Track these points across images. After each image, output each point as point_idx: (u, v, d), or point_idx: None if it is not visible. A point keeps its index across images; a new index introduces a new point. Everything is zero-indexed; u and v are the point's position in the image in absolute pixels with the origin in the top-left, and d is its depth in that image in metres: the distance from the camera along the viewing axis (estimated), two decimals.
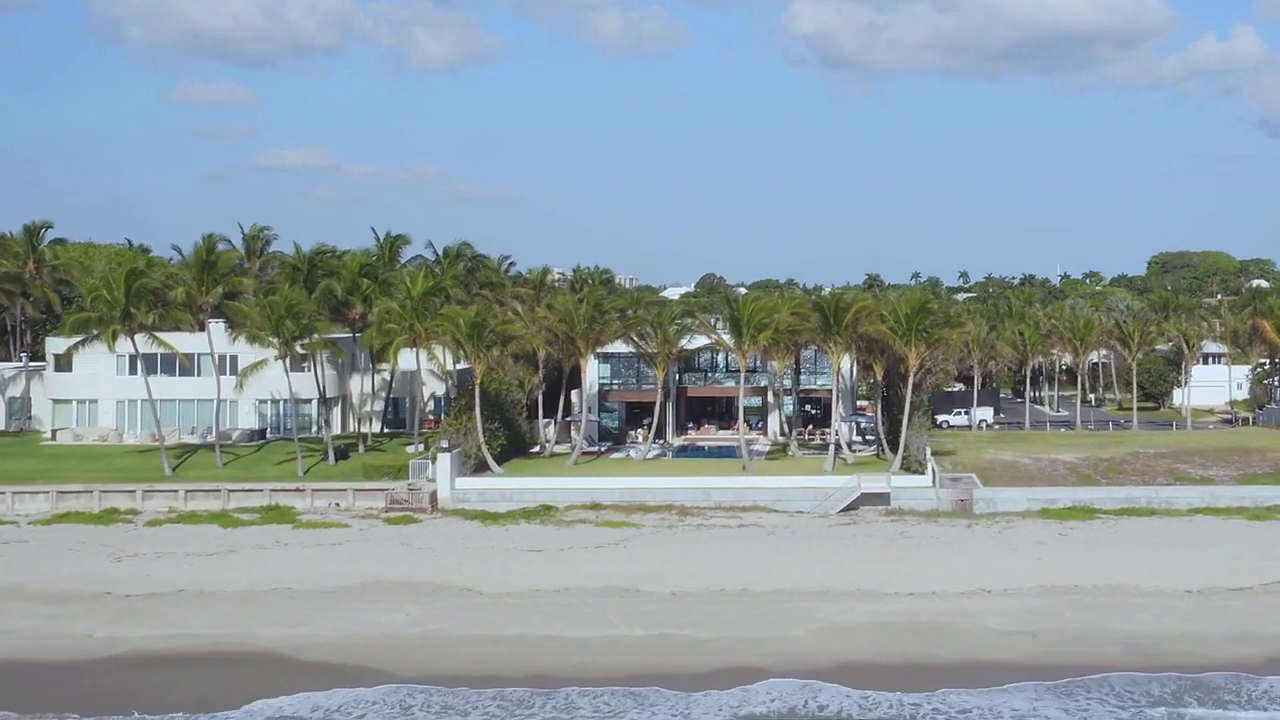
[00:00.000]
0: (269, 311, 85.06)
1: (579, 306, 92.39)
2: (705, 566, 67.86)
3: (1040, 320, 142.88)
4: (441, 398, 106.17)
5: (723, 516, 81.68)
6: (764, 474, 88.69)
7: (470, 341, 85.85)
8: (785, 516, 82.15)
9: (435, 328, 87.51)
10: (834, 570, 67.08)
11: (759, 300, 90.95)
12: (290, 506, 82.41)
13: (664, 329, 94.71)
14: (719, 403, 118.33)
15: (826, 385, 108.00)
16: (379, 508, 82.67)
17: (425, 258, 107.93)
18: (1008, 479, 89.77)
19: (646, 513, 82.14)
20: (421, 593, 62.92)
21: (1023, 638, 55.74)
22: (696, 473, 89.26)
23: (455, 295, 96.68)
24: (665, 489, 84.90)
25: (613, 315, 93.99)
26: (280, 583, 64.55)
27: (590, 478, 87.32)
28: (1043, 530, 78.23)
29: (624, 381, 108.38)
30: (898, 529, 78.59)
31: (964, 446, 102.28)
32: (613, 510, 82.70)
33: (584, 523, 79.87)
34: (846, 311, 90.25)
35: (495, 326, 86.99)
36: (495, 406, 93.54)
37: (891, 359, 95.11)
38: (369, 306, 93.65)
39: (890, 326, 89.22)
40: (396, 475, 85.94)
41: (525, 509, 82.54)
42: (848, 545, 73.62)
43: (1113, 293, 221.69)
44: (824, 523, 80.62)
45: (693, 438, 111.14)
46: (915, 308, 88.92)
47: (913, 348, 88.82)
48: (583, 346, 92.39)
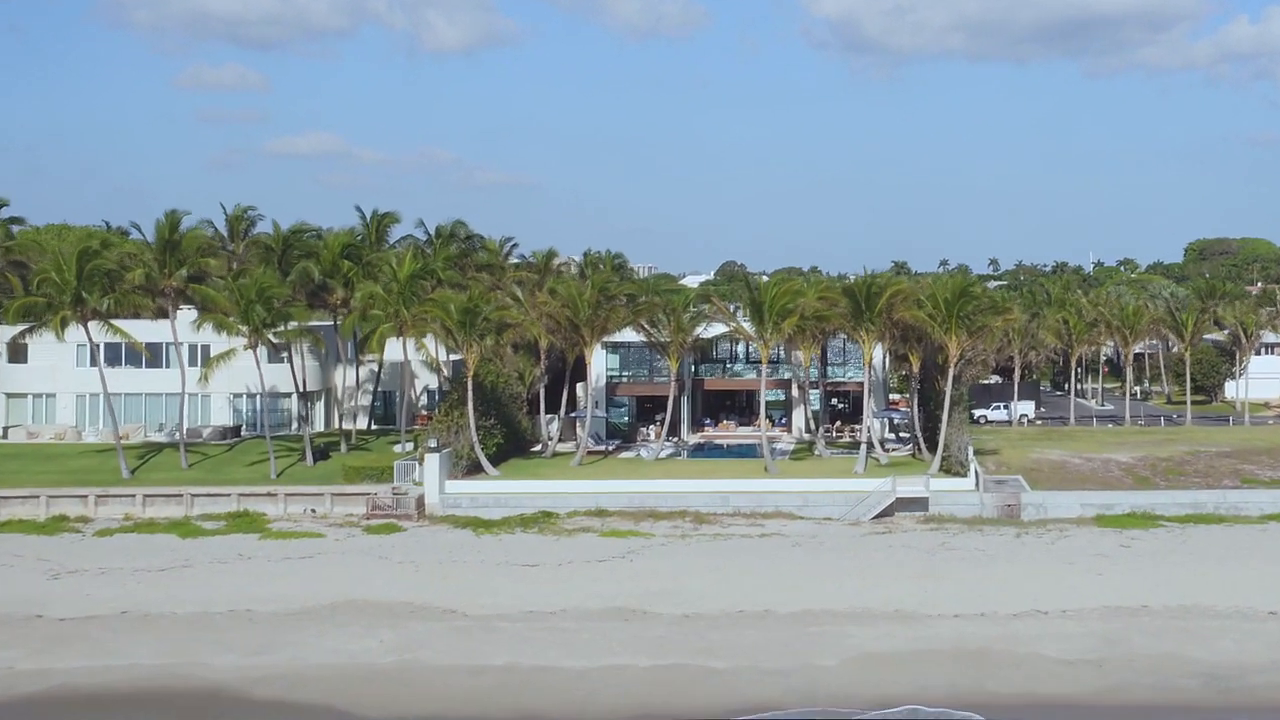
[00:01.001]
0: (237, 296, 79.10)
1: (583, 290, 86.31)
2: (722, 583, 62.39)
3: (1083, 307, 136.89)
4: (435, 391, 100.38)
5: (742, 524, 75.94)
6: (788, 476, 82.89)
7: (461, 329, 79.92)
8: (812, 524, 76.44)
9: (423, 314, 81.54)
10: (868, 587, 61.53)
11: (783, 284, 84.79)
12: (260, 513, 76.68)
13: (677, 315, 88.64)
14: (739, 397, 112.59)
15: (857, 378, 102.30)
16: (359, 514, 76.99)
17: (416, 238, 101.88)
18: (1057, 481, 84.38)
19: (657, 520, 76.40)
20: (399, 614, 57.30)
21: (1086, 669, 50.39)
22: (713, 474, 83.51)
23: (448, 278, 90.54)
24: (678, 493, 79.33)
25: (620, 300, 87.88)
26: (239, 603, 58.82)
27: (595, 480, 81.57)
28: (1101, 540, 72.54)
29: (634, 374, 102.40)
30: (938, 539, 72.77)
31: (1006, 445, 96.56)
32: (619, 517, 77.05)
33: (587, 531, 74.07)
34: (880, 296, 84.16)
35: (489, 313, 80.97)
36: (491, 401, 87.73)
37: (929, 349, 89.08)
38: (351, 291, 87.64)
39: (928, 313, 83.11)
40: (380, 478, 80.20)
41: (522, 516, 76.83)
42: (883, 558, 67.95)
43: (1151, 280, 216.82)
44: (855, 531, 74.82)
45: (710, 435, 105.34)
46: (956, 292, 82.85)
47: (953, 336, 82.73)
48: (587, 335, 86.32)
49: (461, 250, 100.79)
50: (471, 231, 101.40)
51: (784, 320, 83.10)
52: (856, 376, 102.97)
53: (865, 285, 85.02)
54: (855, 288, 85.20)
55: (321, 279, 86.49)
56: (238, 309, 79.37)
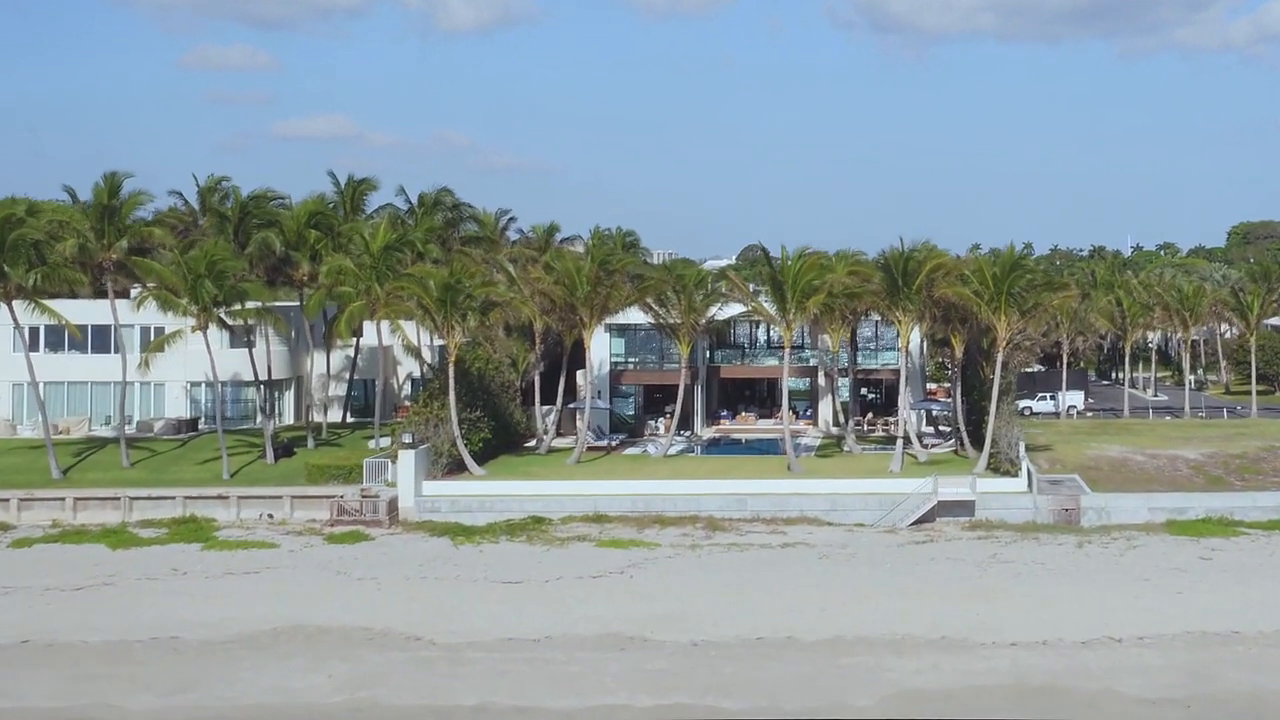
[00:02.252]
0: (184, 270, 71.64)
1: (581, 265, 78.78)
2: (737, 603, 55.36)
3: (1134, 288, 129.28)
4: (420, 379, 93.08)
5: (762, 532, 68.70)
6: (814, 476, 75.58)
7: (441, 308, 72.46)
8: (842, 531, 69.19)
9: (398, 291, 74.08)
10: (908, 609, 54.46)
11: (808, 258, 77.09)
12: (209, 519, 69.59)
13: (688, 293, 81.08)
14: (759, 386, 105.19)
15: (891, 364, 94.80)
16: (323, 520, 69.71)
17: (396, 207, 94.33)
18: (1119, 481, 77.14)
19: (664, 527, 69.16)
20: (354, 643, 50.24)
21: (1172, 710, 43.62)
22: (729, 474, 76.23)
23: (431, 252, 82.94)
24: (689, 495, 72.26)
25: (623, 276, 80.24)
26: (164, 629, 51.66)
27: (594, 481, 74.34)
28: (1177, 551, 65.27)
29: (641, 360, 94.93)
30: (988, 549, 65.45)
31: (1057, 439, 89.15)
32: (620, 523, 69.91)
33: (582, 540, 66.86)
34: (919, 271, 76.65)
35: (473, 289, 73.46)
36: (478, 391, 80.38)
37: (974, 331, 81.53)
38: (319, 265, 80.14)
39: (975, 290, 75.50)
40: (348, 478, 72.99)
41: (509, 522, 69.71)
42: (925, 572, 60.75)
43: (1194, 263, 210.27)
44: (892, 540, 67.49)
45: (726, 428, 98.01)
46: (1007, 266, 75.25)
47: (1003, 316, 75.20)
48: (586, 315, 78.82)
49: (447, 221, 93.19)
50: (459, 200, 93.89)
51: (809, 299, 75.59)
52: (891, 363, 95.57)
53: (902, 259, 77.48)
54: (891, 261, 77.64)
55: (284, 251, 78.91)
56: (184, 284, 71.95)
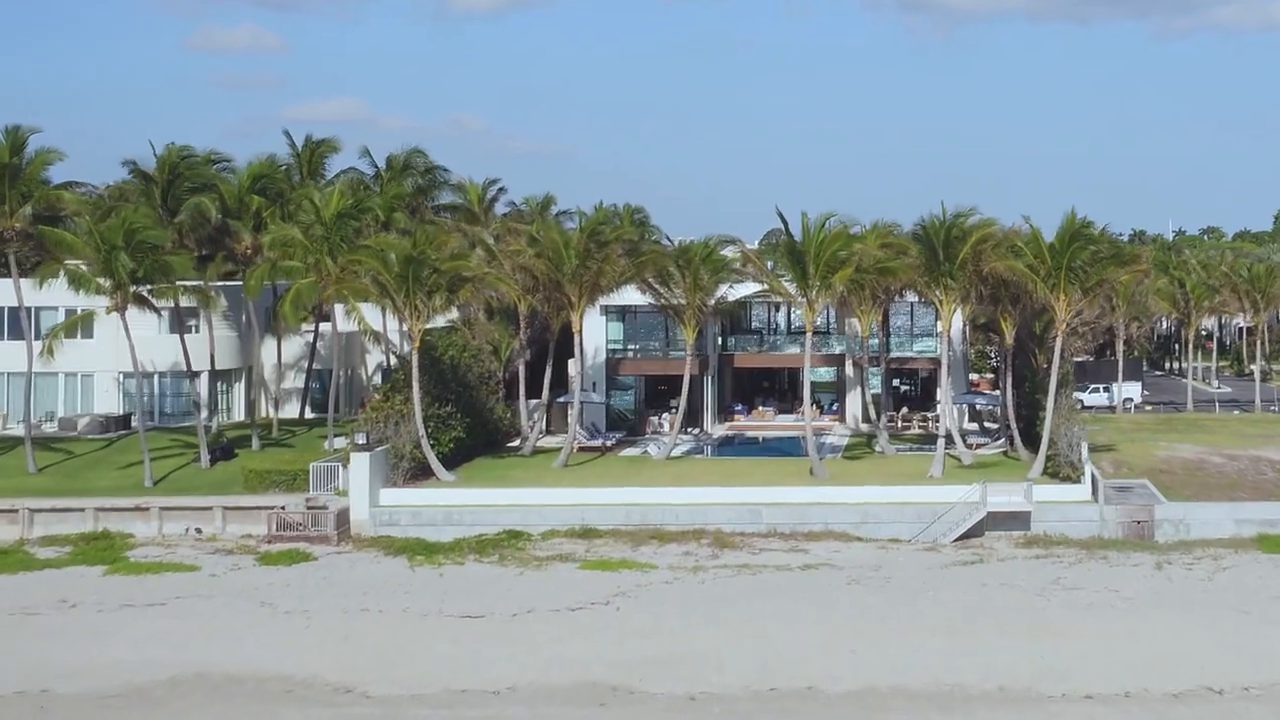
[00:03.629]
0: (97, 240, 62.91)
1: (568, 236, 69.82)
2: (747, 642, 46.95)
3: (1194, 269, 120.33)
4: (387, 370, 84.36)
5: (778, 549, 60.30)
6: (841, 481, 66.83)
7: (402, 285, 63.68)
8: (874, 549, 60.68)
9: (353, 265, 65.28)
10: (956, 650, 46.06)
11: (834, 228, 68.02)
12: (125, 534, 61.17)
13: (694, 269, 72.12)
14: (778, 377, 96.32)
15: (929, 352, 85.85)
16: (260, 535, 60.99)
17: (360, 171, 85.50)
18: (1196, 488, 68.28)
19: (663, 543, 60.68)
20: (269, 696, 41.83)
21: None
22: (742, 479, 67.54)
23: (398, 222, 73.98)
24: (693, 505, 63.82)
25: (617, 249, 71.20)
26: (35, 679, 43.20)
27: (582, 488, 65.70)
28: (1276, 574, 56.17)
29: (643, 347, 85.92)
30: (1049, 571, 56.82)
31: (1119, 437, 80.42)
32: (612, 539, 61.50)
33: (565, 561, 58.30)
34: (963, 242, 67.64)
35: (441, 264, 64.63)
36: (451, 383, 71.62)
37: (1027, 313, 72.53)
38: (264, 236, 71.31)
39: (1029, 264, 66.51)
40: (292, 485, 64.34)
41: (480, 538, 61.27)
42: (975, 602, 52.13)
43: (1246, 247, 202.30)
44: (933, 560, 58.77)
45: (741, 425, 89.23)
46: (1068, 235, 66.11)
47: (1062, 295, 66.28)
48: (574, 294, 69.88)
49: (419, 187, 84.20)
50: (433, 163, 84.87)
51: (834, 274, 66.60)
52: (929, 350, 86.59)
53: (943, 228, 68.41)
54: (931, 230, 68.54)
55: (220, 220, 69.99)
56: (97, 258, 63.28)
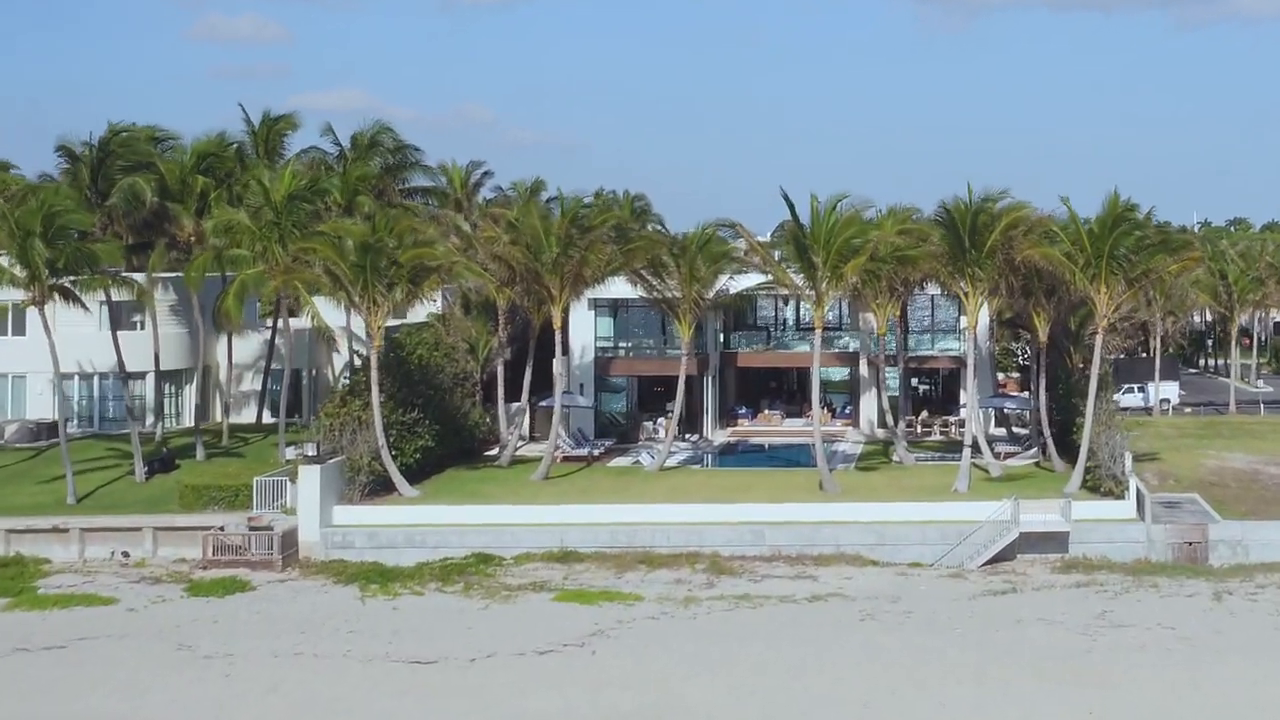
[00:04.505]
0: (10, 225, 56.76)
1: (548, 221, 63.47)
2: (744, 694, 40.74)
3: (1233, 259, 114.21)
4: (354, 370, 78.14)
5: (783, 575, 54.19)
6: (854, 496, 60.68)
7: (358, 276, 57.46)
8: (891, 575, 54.55)
9: (305, 253, 59.04)
10: (985, 701, 40.44)
11: (846, 213, 61.62)
12: (40, 560, 55.09)
13: (689, 258, 65.83)
14: (787, 377, 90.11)
15: (952, 350, 79.72)
16: (195, 560, 54.84)
17: (323, 151, 79.12)
18: (1252, 503, 61.67)
19: (652, 568, 54.56)
20: None
21: None
22: (743, 494, 61.43)
23: (362, 206, 67.63)
24: (688, 525, 57.68)
25: (603, 235, 64.86)
26: None
27: (563, 506, 59.57)
28: None
29: (636, 345, 79.47)
30: (1093, 603, 50.60)
31: (1161, 444, 74.25)
32: (595, 564, 55.42)
33: (539, 590, 52.12)
34: (992, 227, 61.33)
35: (402, 254, 58.38)
36: (419, 385, 65.51)
37: (1063, 307, 66.20)
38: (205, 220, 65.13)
39: (1066, 252, 60.21)
40: (233, 503, 58.14)
41: (446, 562, 55.23)
42: (1009, 642, 45.97)
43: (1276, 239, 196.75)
44: (959, 590, 52.51)
45: (745, 430, 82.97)
46: (1110, 220, 59.78)
47: (1103, 286, 59.94)
48: (554, 286, 63.52)
49: (388, 167, 77.75)
50: (403, 142, 78.32)
51: (846, 263, 60.22)
52: (951, 349, 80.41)
53: (970, 212, 62.01)
54: (956, 214, 62.14)
55: (156, 203, 63.60)
56: (12, 246, 57.18)
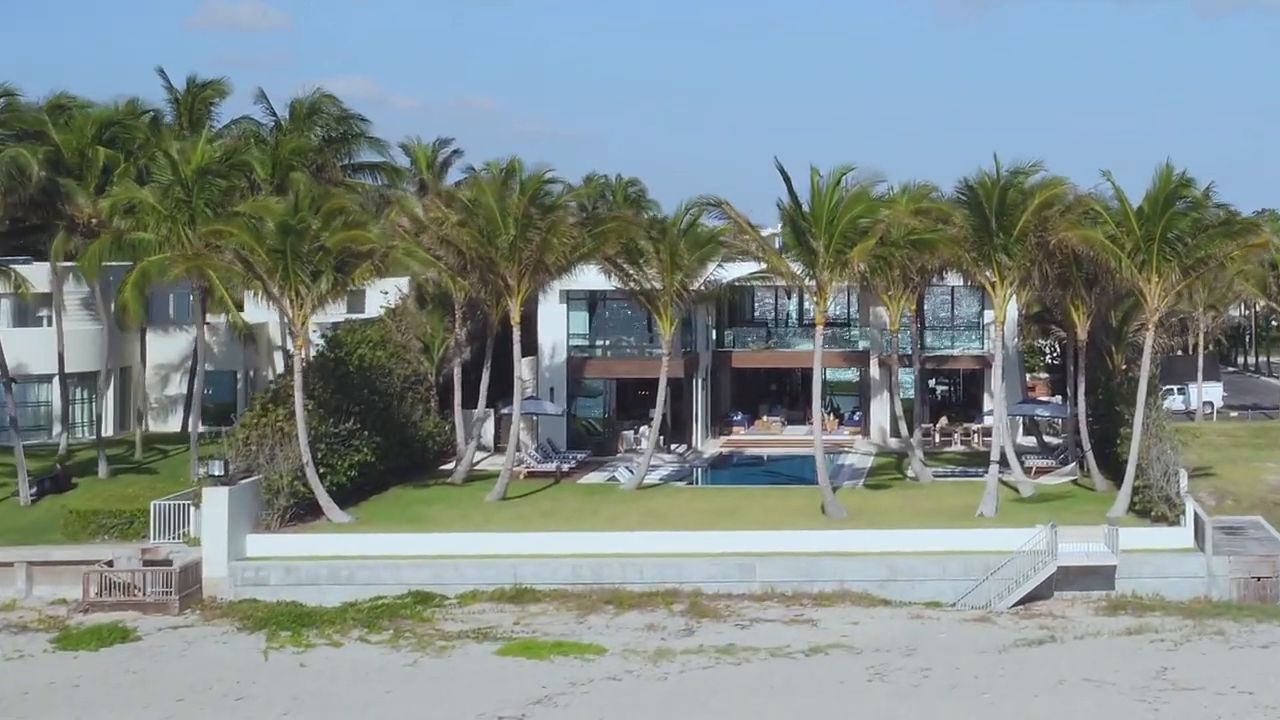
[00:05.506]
0: None
1: (505, 200, 55.54)
2: None
3: None
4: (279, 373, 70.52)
5: (777, 619, 46.79)
6: (862, 522, 53.15)
7: (278, 262, 49.71)
8: (905, 618, 47.17)
9: (215, 236, 51.25)
10: None
11: (852, 189, 53.63)
12: None
13: (670, 244, 58.00)
14: (789, 379, 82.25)
15: (974, 349, 71.83)
16: (76, 601, 47.19)
17: (256, 121, 70.93)
18: None
19: (621, 609, 47.02)
20: None
21: None
22: (732, 519, 53.79)
23: (297, 183, 59.56)
24: (665, 557, 49.74)
25: (567, 217, 56.86)
26: None
27: (519, 534, 51.84)
28: None
29: (614, 344, 71.32)
30: (1149, 657, 43.08)
31: (1212, 455, 67.10)
32: (554, 603, 47.80)
33: (482, 638, 44.47)
34: (1023, 205, 53.51)
35: (329, 237, 50.60)
36: (358, 390, 57.83)
37: (1105, 299, 58.34)
38: None
39: (1110, 234, 52.37)
40: (128, 530, 50.58)
41: (377, 602, 47.68)
42: (1049, 710, 37.96)
43: None
44: (986, 637, 44.79)
45: (741, 440, 75.37)
46: (1162, 197, 51.87)
47: (1154, 274, 52.15)
48: (511, 275, 55.52)
49: (328, 140, 69.67)
50: (348, 111, 70.01)
51: (852, 247, 52.30)
52: (973, 348, 72.41)
53: (998, 189, 54.11)
54: (981, 191, 54.19)
55: (44, 178, 55.69)
56: None
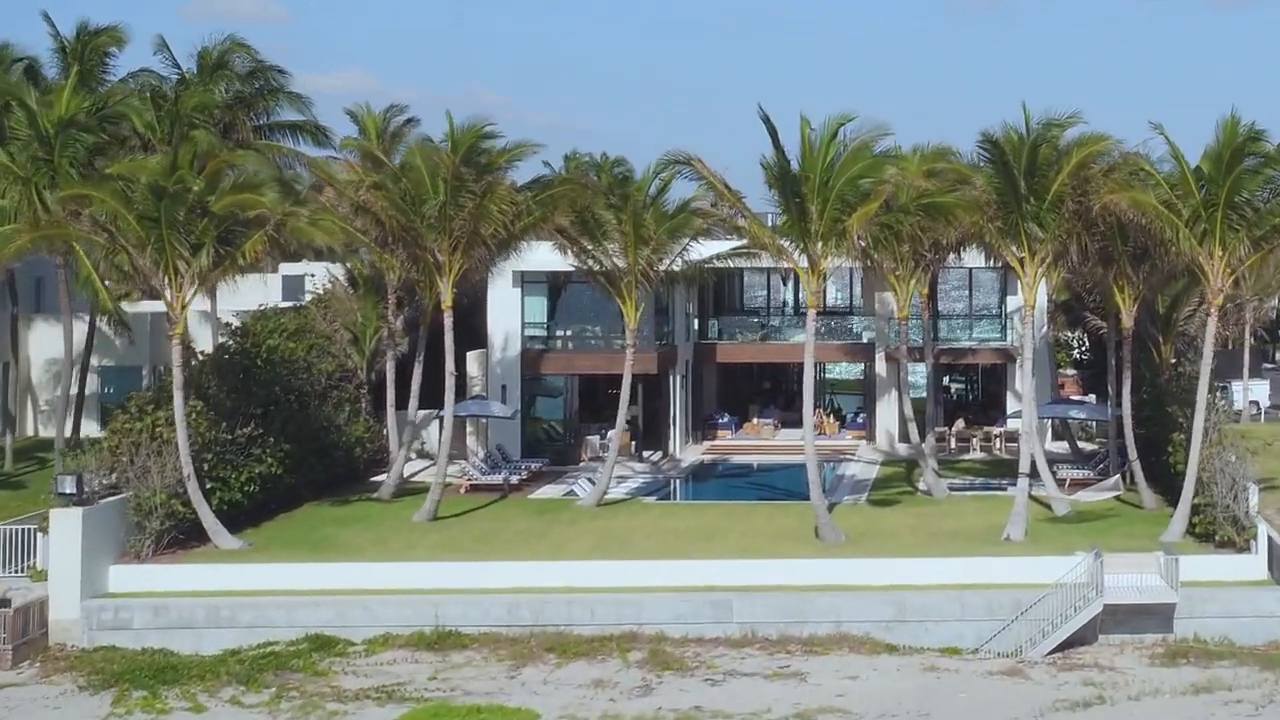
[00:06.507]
0: None
1: (434, 161, 47.29)
2: None
3: None
4: None
5: (756, 671, 39.20)
6: (864, 549, 45.26)
7: (150, 232, 41.72)
8: (916, 669, 38.91)
9: (79, 200, 43.26)
10: None
11: (852, 143, 45.33)
12: None
13: (634, 214, 49.74)
14: (783, 376, 74.18)
15: (994, 340, 63.83)
16: None
17: (157, 74, 62.57)
18: None
19: (566, 659, 39.22)
20: None
21: None
22: (706, 545, 45.98)
23: (198, 142, 51.34)
24: (621, 592, 41.64)
25: (504, 181, 48.28)
26: None
27: (445, 563, 43.77)
28: None
29: (578, 334, 62.97)
30: None
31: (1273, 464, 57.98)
32: (483, 651, 40.01)
33: (385, 700, 36.72)
34: (1059, 165, 45.36)
35: (214, 202, 42.53)
36: (269, 389, 49.85)
37: (1154, 280, 50.21)
38: None
39: (1165, 199, 44.30)
40: None
41: (264, 649, 39.93)
42: None
43: None
44: (1017, 696, 36.99)
45: (727, 446, 67.47)
46: (1228, 153, 43.74)
47: (1217, 247, 44.17)
48: (441, 250, 47.24)
49: (239, 98, 61.08)
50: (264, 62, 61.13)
51: (850, 213, 44.00)
52: (994, 338, 64.18)
53: (1028, 144, 45.85)
54: (1009, 147, 45.83)
55: None
56: None
